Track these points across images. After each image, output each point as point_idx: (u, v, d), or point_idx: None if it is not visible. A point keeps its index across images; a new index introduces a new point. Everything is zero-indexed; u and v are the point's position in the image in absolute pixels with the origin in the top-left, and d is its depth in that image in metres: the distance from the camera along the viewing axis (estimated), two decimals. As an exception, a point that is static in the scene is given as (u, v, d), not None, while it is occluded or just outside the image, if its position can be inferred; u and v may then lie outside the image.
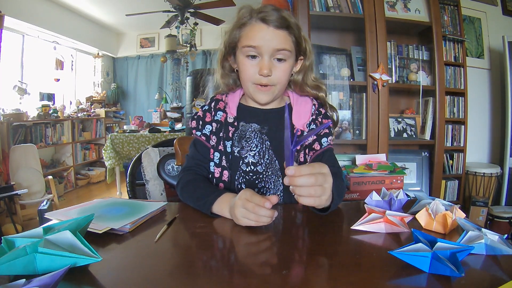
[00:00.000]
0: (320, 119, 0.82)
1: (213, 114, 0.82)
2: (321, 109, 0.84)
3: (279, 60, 0.74)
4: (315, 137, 0.80)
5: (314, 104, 0.83)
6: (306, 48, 0.79)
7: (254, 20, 0.73)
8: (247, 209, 0.58)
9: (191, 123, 0.84)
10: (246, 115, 0.82)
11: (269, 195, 0.77)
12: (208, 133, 0.81)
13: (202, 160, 0.81)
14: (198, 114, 0.84)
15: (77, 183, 4.04)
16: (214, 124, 0.81)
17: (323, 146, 0.80)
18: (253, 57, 0.74)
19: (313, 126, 0.80)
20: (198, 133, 0.82)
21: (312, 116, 0.81)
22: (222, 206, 0.66)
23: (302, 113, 0.82)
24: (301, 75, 0.82)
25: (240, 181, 0.79)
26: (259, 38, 0.72)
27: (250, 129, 0.80)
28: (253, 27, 0.73)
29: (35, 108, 3.54)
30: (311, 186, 0.53)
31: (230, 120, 0.81)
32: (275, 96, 0.79)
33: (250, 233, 0.59)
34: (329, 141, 0.81)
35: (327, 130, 0.81)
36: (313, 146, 0.80)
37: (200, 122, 0.82)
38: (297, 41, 0.76)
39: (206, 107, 0.84)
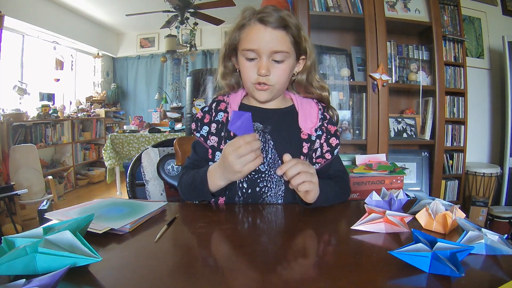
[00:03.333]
0: (326, 125, 0.83)
1: (213, 115, 0.83)
2: (325, 114, 0.85)
3: (277, 61, 0.74)
4: (326, 146, 0.82)
5: (320, 109, 0.84)
6: (306, 48, 0.79)
7: (253, 22, 0.74)
8: (242, 155, 0.62)
9: (191, 125, 0.86)
10: None
11: (270, 194, 0.78)
12: (205, 134, 0.82)
13: (199, 160, 0.83)
14: (197, 115, 0.85)
15: (77, 183, 4.04)
16: (214, 125, 0.82)
17: (333, 156, 0.82)
18: (253, 59, 0.75)
19: (319, 132, 0.81)
20: (198, 134, 0.83)
21: (318, 122, 0.82)
22: (215, 181, 0.71)
23: (308, 116, 0.82)
24: (305, 75, 0.83)
25: (242, 179, 0.79)
26: (257, 40, 0.73)
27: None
28: (251, 28, 0.74)
29: (35, 108, 3.54)
30: (302, 172, 0.64)
31: None
32: (274, 95, 0.80)
33: (250, 233, 0.59)
34: (338, 149, 0.84)
35: (338, 141, 0.83)
36: (325, 155, 0.81)
37: (198, 124, 0.84)
38: (296, 40, 0.76)
39: (206, 109, 0.85)
